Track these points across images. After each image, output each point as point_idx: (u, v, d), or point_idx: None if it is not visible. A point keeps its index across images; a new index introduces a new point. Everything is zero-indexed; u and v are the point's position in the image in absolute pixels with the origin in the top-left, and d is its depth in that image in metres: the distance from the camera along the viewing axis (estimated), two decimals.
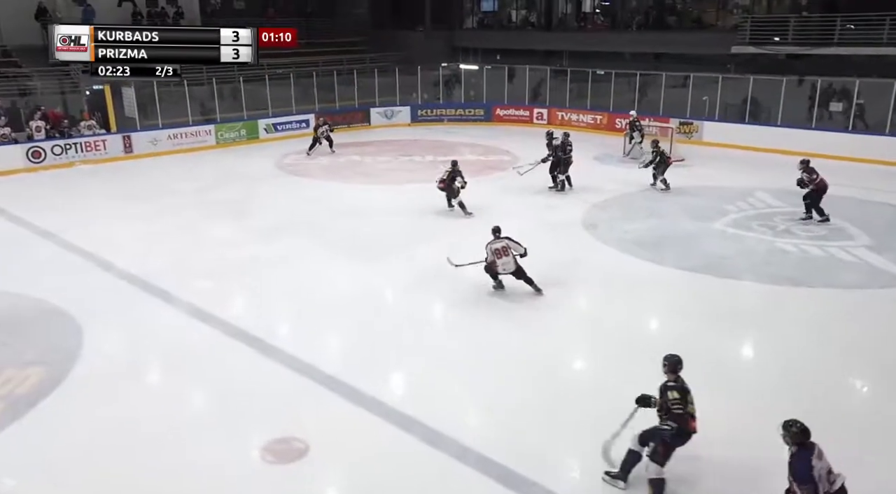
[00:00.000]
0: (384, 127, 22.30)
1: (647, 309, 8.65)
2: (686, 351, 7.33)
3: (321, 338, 7.91)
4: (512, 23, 27.85)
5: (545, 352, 7.52)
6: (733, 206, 12.78)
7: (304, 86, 21.48)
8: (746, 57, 19.17)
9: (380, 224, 12.05)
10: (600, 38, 24.00)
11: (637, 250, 10.49)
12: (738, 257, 10.21)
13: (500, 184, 14.96)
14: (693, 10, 23.22)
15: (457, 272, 9.79)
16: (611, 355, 7.47)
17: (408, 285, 9.32)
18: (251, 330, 8.01)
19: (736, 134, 18.17)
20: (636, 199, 13.47)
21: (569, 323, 8.21)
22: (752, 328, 8.14)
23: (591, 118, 21.44)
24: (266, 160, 17.52)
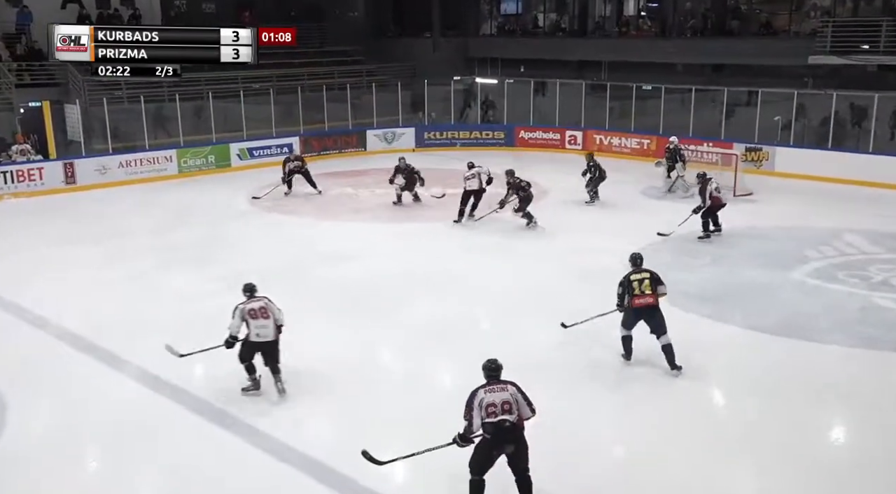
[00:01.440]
0: (383, 153, 22.62)
1: (706, 382, 8.54)
2: (758, 436, 7.33)
3: (303, 413, 7.87)
4: (539, 28, 28.48)
5: (571, 439, 7.43)
6: (815, 252, 12.77)
7: (286, 103, 21.97)
8: (827, 69, 19.42)
9: (375, 272, 12.12)
10: (647, 47, 24.47)
11: (694, 305, 10.44)
12: (822, 315, 10.15)
13: (522, 223, 15.05)
14: (761, 13, 23.65)
15: (467, 332, 9.78)
16: (666, 436, 7.37)
17: (408, 347, 9.32)
18: (216, 401, 8.00)
19: (816, 162, 18.29)
20: (693, 242, 13.49)
21: (605, 392, 8.12)
22: (843, 405, 8.02)
23: (635, 143, 21.69)
24: (238, 193, 17.78)
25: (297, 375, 8.61)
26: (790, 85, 19.75)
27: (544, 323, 9.82)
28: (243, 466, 6.99)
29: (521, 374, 8.19)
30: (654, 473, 6.82)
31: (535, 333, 9.65)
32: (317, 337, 9.65)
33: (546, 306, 10.40)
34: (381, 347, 9.49)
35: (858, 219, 14.66)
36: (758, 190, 17.01)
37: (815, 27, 20.67)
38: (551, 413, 7.82)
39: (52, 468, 6.99)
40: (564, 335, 9.32)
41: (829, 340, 9.42)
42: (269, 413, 7.89)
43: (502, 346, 9.15)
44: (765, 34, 22.67)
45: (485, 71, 27.22)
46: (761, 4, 24.14)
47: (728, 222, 14.71)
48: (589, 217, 15.41)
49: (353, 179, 19.30)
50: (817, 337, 9.50)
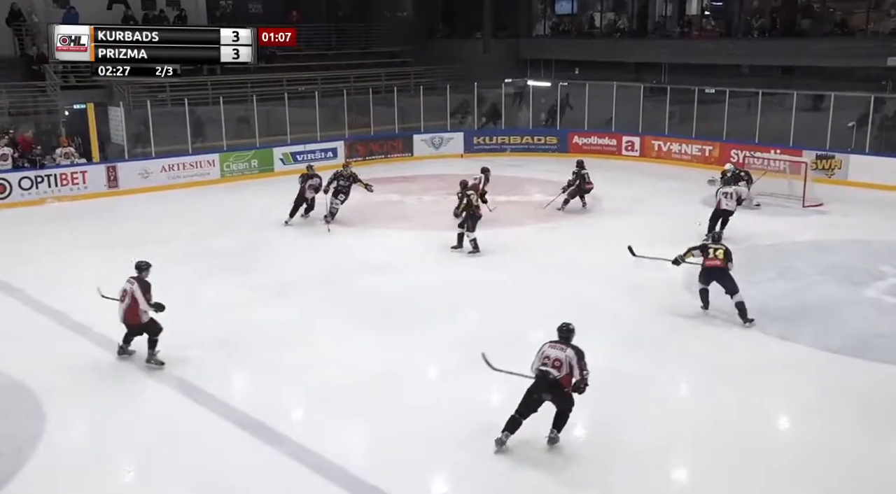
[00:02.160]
0: (431, 158, 22.76)
1: (771, 404, 8.36)
2: (829, 464, 7.13)
3: (341, 426, 7.94)
4: (595, 28, 28.32)
5: (634, 447, 7.33)
6: (892, 267, 12.45)
7: (331, 107, 22.21)
8: None
9: (421, 282, 12.18)
10: (710, 48, 24.10)
11: (760, 322, 10.23)
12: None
13: (577, 232, 15.00)
14: (835, 12, 23.13)
15: (518, 345, 9.74)
16: (724, 459, 7.21)
17: (452, 363, 9.31)
18: (253, 412, 8.11)
19: (893, 171, 17.82)
20: (760, 255, 13.23)
21: (661, 414, 8.00)
22: None
23: (697, 149, 21.40)
24: (282, 198, 17.98)
25: (337, 386, 8.69)
26: (866, 88, 19.31)
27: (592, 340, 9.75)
28: (277, 476, 7.06)
29: None
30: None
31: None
32: (353, 347, 9.75)
33: (594, 323, 10.31)
34: (421, 359, 9.50)
35: None
36: (829, 200, 16.66)
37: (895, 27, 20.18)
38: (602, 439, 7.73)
39: (90, 477, 7.16)
40: (613, 353, 9.25)
41: None
42: (306, 425, 7.97)
43: None
44: (839, 34, 22.17)
45: (537, 73, 27.17)
46: (836, 3, 23.59)
47: (796, 234, 14.47)
48: (641, 227, 15.19)
49: (400, 186, 19.41)
50: (894, 359, 9.21)
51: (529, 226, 15.55)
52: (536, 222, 15.79)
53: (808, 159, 17.74)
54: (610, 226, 15.36)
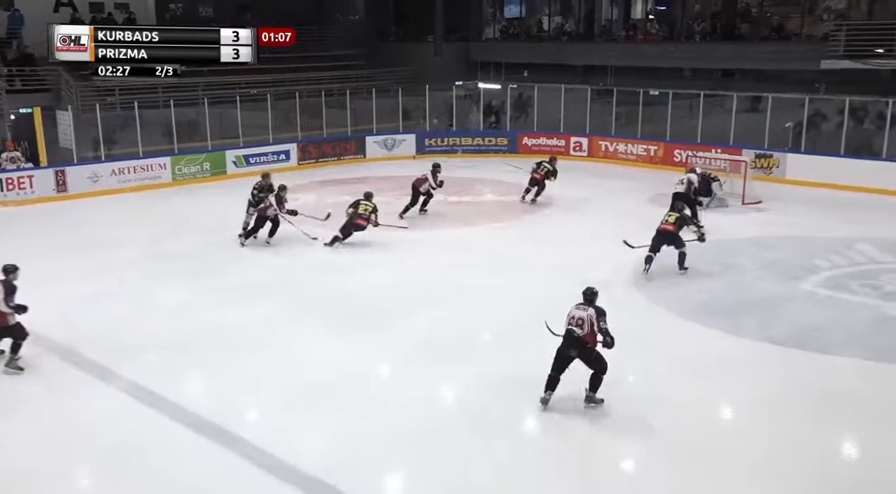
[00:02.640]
0: (383, 160, 22.73)
1: (717, 396, 8.55)
2: (772, 452, 7.32)
3: (298, 427, 7.89)
4: (543, 32, 28.61)
5: (585, 444, 7.42)
6: (826, 261, 12.80)
7: (283, 109, 22.03)
8: (841, 74, 19.47)
9: (375, 282, 12.16)
10: (654, 51, 24.58)
11: (705, 317, 10.46)
12: (835, 327, 10.17)
13: (526, 231, 15.11)
14: (773, 17, 23.72)
15: (477, 344, 9.81)
16: (674, 450, 7.37)
17: (409, 361, 9.33)
18: (209, 416, 8.01)
19: (828, 170, 18.35)
20: (704, 252, 13.48)
21: (611, 410, 8.13)
22: (860, 420, 8.01)
23: (642, 149, 21.75)
24: (234, 201, 17.77)
25: (294, 387, 8.64)
26: (802, 90, 19.81)
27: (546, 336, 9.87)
28: (237, 480, 6.99)
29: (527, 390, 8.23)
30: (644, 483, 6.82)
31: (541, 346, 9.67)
32: (311, 348, 9.70)
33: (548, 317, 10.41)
34: (379, 360, 9.48)
35: (871, 227, 14.69)
36: (767, 198, 17.06)
37: (829, 31, 20.76)
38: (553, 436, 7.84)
39: (42, 487, 6.99)
40: None
41: (843, 353, 9.42)
42: (263, 427, 7.91)
43: (504, 359, 9.23)
44: (776, 38, 22.78)
45: (487, 75, 27.31)
46: (772, 7, 24.23)
47: (737, 231, 14.80)
48: (592, 226, 15.42)
49: (352, 187, 19.26)
50: (831, 349, 9.51)
51: (482, 225, 15.64)
52: (489, 222, 15.88)
53: (747, 158, 18.12)
54: (561, 225, 15.57)
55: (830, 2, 23.23)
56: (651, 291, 11.52)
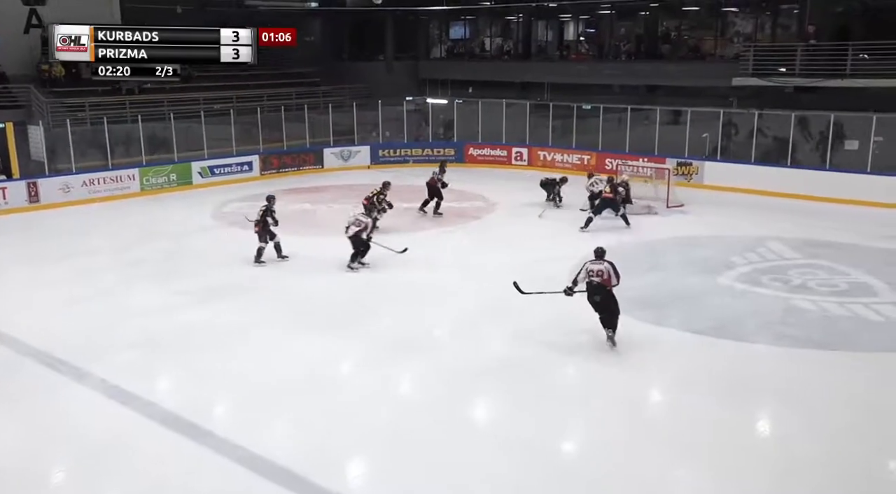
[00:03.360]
0: (340, 170, 22.58)
1: (648, 379, 8.73)
2: (696, 428, 7.50)
3: (269, 422, 7.79)
4: (486, 52, 28.77)
5: (534, 433, 7.50)
6: (741, 258, 13.13)
7: (246, 123, 21.72)
8: (750, 90, 20.01)
9: (337, 284, 12.06)
10: (585, 69, 24.93)
11: (636, 310, 10.62)
12: (750, 317, 10.44)
13: (474, 236, 15.16)
14: (689, 39, 24.29)
15: (434, 341, 9.82)
16: (609, 435, 7.49)
17: (373, 358, 9.28)
18: (183, 412, 7.86)
19: (741, 176, 18.84)
20: (633, 252, 13.73)
21: (557, 398, 8.23)
22: (771, 399, 8.26)
23: (577, 158, 22.01)
24: (201, 209, 17.51)
25: (263, 385, 8.53)
26: (716, 104, 20.29)
27: (501, 333, 9.94)
28: (212, 476, 6.87)
29: (475, 382, 8.28)
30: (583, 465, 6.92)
31: (491, 342, 9.74)
32: (282, 349, 9.57)
33: (504, 317, 10.50)
34: (345, 358, 9.41)
35: (780, 227, 15.11)
36: (689, 201, 17.42)
37: (738, 51, 21.32)
38: (505, 424, 7.90)
39: (20, 488, 6.76)
40: (523, 344, 9.51)
41: (756, 340, 9.69)
42: (235, 423, 7.78)
43: (462, 356, 9.26)
44: (692, 58, 23.32)
45: (435, 92, 27.34)
46: (689, 31, 24.80)
47: (662, 232, 15.10)
48: (538, 228, 15.56)
49: (311, 195, 19.18)
50: (746, 337, 9.77)
51: (432, 229, 15.64)
52: (437, 226, 15.89)
53: (670, 166, 18.51)
54: (505, 228, 15.64)
55: (739, 26, 23.89)
56: None
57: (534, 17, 27.51)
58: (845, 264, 12.57)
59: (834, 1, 20.70)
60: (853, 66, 18.13)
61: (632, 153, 20.11)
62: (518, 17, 27.83)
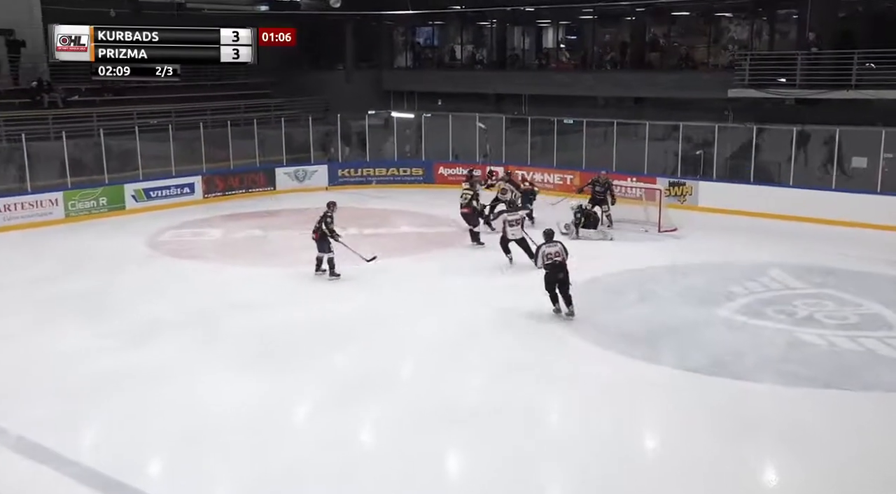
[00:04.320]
0: (294, 191, 22.56)
1: (639, 423, 8.74)
2: (692, 478, 7.51)
3: (209, 478, 7.66)
4: (456, 61, 29.06)
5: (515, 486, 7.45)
6: (741, 288, 13.27)
7: (187, 140, 21.65)
8: (747, 102, 20.40)
9: (290, 321, 11.97)
10: (567, 79, 25.20)
11: (625, 346, 10.70)
12: (751, 352, 10.54)
13: (446, 264, 15.20)
14: (680, 46, 24.72)
15: (389, 383, 9.75)
16: (598, 483, 7.47)
17: (328, 400, 9.21)
18: (110, 471, 7.69)
19: (739, 197, 19.17)
20: (621, 280, 13.84)
21: (538, 443, 8.20)
22: (776, 444, 8.29)
23: (558, 178, 22.24)
24: (135, 237, 17.33)
25: (207, 432, 8.38)
26: (711, 118, 20.63)
27: (471, 370, 9.92)
28: None
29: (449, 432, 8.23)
30: None
31: (463, 381, 9.71)
32: (227, 392, 9.44)
33: (472, 351, 10.53)
34: (294, 399, 9.34)
35: (782, 253, 15.35)
36: (682, 225, 17.66)
37: (734, 60, 21.74)
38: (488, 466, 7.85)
39: None
40: (497, 382, 9.46)
41: (758, 378, 9.75)
42: (166, 482, 7.63)
43: (429, 398, 9.21)
44: (683, 67, 23.69)
45: (401, 104, 27.53)
46: (679, 38, 25.24)
47: (654, 258, 15.24)
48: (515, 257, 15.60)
49: (263, 221, 19.08)
50: (746, 375, 9.83)
51: (398, 258, 15.62)
52: (405, 254, 15.89)
53: (661, 186, 18.72)
54: (479, 256, 15.67)
55: (734, 33, 24.40)
56: (569, 322, 11.71)
57: (509, 23, 27.90)
58: (855, 294, 12.77)
59: (837, 5, 21.16)
60: (859, 75, 18.44)
61: (619, 172, 20.34)
62: (492, 23, 28.20)
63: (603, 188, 17.76)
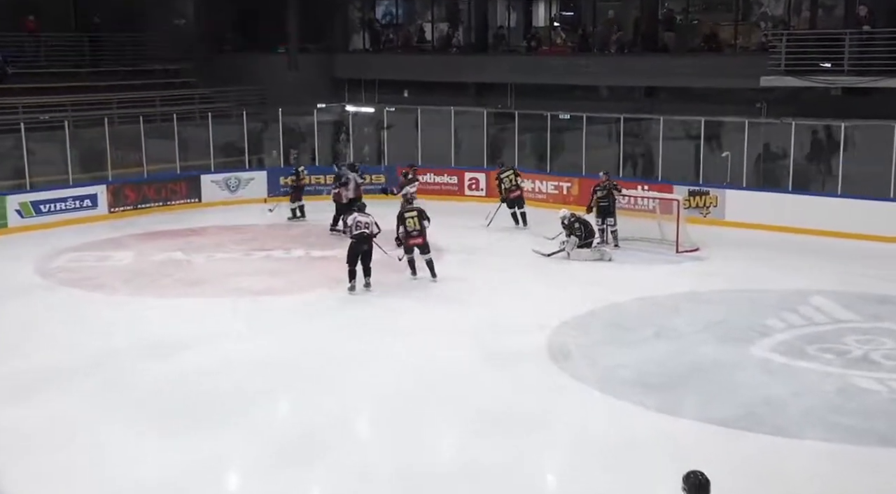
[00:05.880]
0: (225, 204, 22.56)
1: (656, 488, 8.69)
2: None
3: None
4: (426, 42, 29.12)
5: None
6: (779, 321, 13.30)
7: (88, 140, 21.49)
8: (783, 92, 20.56)
9: (218, 366, 11.84)
10: (563, 65, 25.29)
11: (637, 394, 10.65)
12: (792, 401, 10.51)
13: (420, 293, 15.20)
14: (702, 24, 24.78)
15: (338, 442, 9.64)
16: None
17: (260, 467, 9.08)
18: None
19: (774, 208, 19.33)
20: (632, 312, 13.84)
21: None
22: None
23: (552, 186, 22.28)
24: (20, 263, 17.13)
25: None
26: (740, 112, 20.80)
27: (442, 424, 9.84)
28: None
29: None
30: None
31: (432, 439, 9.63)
32: (138, 458, 9.28)
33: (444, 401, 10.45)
34: (228, 465, 9.23)
35: (828, 278, 15.45)
36: (705, 244, 17.73)
37: (767, 41, 21.82)
38: None
39: None
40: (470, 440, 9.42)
41: (802, 434, 9.74)
42: None
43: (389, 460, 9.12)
44: (706, 50, 23.76)
45: (358, 96, 27.53)
46: (701, 14, 25.34)
47: (671, 285, 15.28)
48: (500, 283, 15.60)
49: (184, 241, 18.93)
50: (788, 430, 9.80)
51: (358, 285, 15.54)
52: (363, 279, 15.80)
53: (679, 196, 18.67)
54: (453, 281, 15.64)
55: (767, 7, 24.56)
56: (571, 363, 11.67)
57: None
58: None
59: None
60: None
61: (627, 178, 20.45)
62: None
63: (606, 193, 17.74)
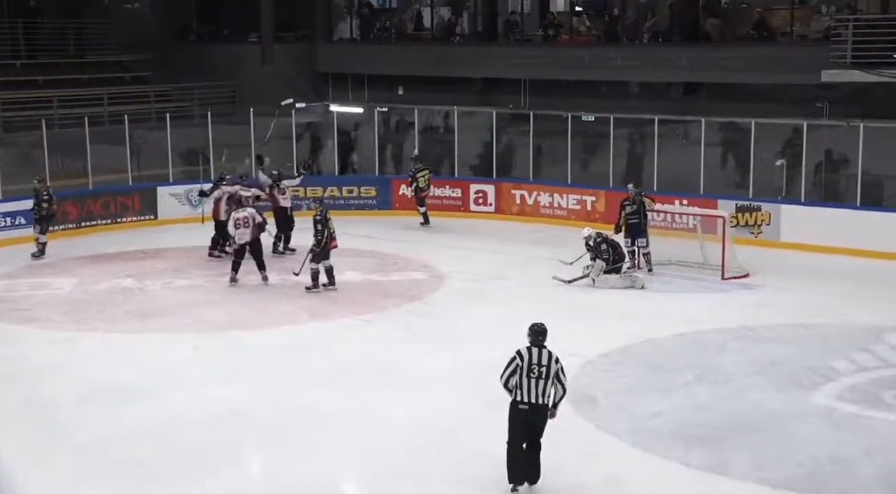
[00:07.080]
0: (185, 221, 22.53)
1: None
2: None
3: None
4: (424, 30, 29.13)
5: None
6: (847, 362, 13.23)
7: (21, 146, 21.54)
8: (849, 89, 20.52)
9: (176, 416, 11.76)
10: (587, 57, 25.26)
11: (677, 449, 10.58)
12: (864, 459, 10.42)
13: (402, 324, 15.26)
14: (751, 9, 24.67)
15: None
16: None
17: None
18: None
19: (838, 227, 19.29)
20: (669, 351, 13.78)
21: None
22: None
23: (574, 200, 22.25)
24: None
25: None
26: (797, 113, 20.78)
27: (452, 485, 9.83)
28: None
29: None
30: None
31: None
32: None
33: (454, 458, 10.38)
34: None
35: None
36: (756, 269, 17.69)
37: (829, 29, 21.64)
38: None
39: None
40: None
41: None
42: None
43: None
44: (756, 39, 23.70)
45: (343, 93, 27.55)
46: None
47: (717, 319, 15.21)
48: (512, 317, 15.47)
49: (136, 265, 18.92)
50: (858, 492, 9.72)
51: (338, 318, 15.58)
52: (348, 312, 15.84)
53: (725, 213, 18.69)
54: (454, 316, 15.65)
55: None
56: (599, 413, 11.59)
57: None
58: None
59: None
60: None
61: (663, 192, 20.37)
62: None
63: (636, 209, 17.68)
